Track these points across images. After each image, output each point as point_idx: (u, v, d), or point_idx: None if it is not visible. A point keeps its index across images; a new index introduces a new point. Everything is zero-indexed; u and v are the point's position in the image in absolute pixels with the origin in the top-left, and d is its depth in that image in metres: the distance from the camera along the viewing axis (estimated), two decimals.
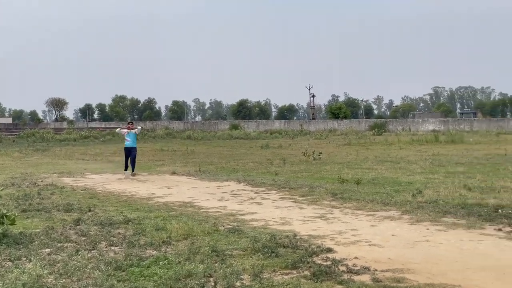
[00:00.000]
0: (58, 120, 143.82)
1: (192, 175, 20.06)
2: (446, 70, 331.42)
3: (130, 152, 20.63)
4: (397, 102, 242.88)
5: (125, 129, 21.51)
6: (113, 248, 8.52)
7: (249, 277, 6.82)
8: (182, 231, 9.37)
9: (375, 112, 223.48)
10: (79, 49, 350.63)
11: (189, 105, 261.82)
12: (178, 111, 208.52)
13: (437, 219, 10.75)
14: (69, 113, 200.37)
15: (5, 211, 9.19)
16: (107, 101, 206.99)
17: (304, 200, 13.73)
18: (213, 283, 6.56)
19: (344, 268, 7.24)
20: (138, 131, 21.54)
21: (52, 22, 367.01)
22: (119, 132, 22.29)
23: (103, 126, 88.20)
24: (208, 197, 14.51)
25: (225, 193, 15.26)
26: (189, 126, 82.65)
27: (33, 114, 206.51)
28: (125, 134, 21.11)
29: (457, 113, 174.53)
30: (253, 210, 12.23)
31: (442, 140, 39.69)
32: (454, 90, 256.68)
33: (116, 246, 8.61)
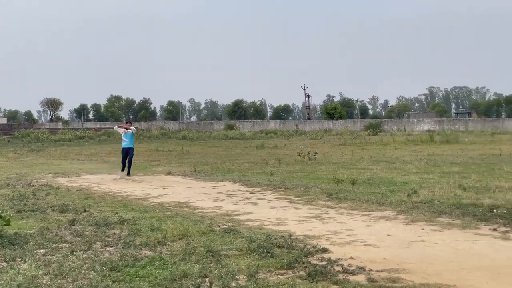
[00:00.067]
0: (53, 121, 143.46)
1: (187, 175, 20.05)
2: (441, 70, 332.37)
3: (127, 153, 20.60)
4: (392, 102, 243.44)
5: (122, 128, 21.48)
6: (108, 248, 8.51)
7: (245, 277, 6.82)
8: (178, 231, 9.37)
9: (370, 112, 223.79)
10: (74, 49, 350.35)
11: (184, 105, 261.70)
12: (173, 111, 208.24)
13: (432, 219, 10.77)
14: (64, 113, 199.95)
15: (0, 211, 9.17)
16: (102, 101, 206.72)
17: (299, 200, 13.74)
18: (208, 284, 6.55)
19: (339, 268, 7.25)
20: (134, 131, 21.47)
21: (45, 23, 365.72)
22: (116, 129, 22.38)
23: (98, 126, 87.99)
24: (203, 197, 14.50)
25: (220, 193, 15.25)
26: (184, 127, 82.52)
27: (28, 115, 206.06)
28: (122, 134, 21.11)
29: (452, 113, 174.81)
30: (248, 210, 12.23)
31: (437, 140, 39.77)
32: (449, 90, 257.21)
33: (111, 247, 8.60)
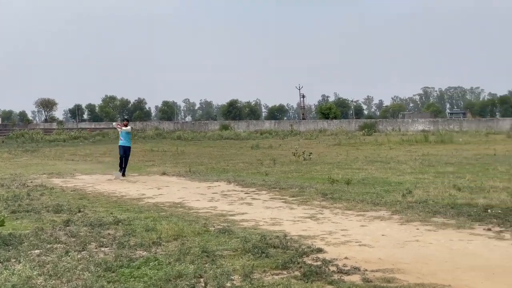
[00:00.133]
0: (48, 121, 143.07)
1: (182, 175, 20.04)
2: (435, 70, 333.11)
3: (124, 151, 20.64)
4: (387, 102, 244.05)
5: (119, 126, 21.59)
6: (103, 249, 8.49)
7: (240, 277, 6.81)
8: (172, 231, 9.36)
9: (365, 112, 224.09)
10: (69, 49, 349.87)
11: (179, 106, 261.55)
12: (168, 111, 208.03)
13: (427, 219, 10.79)
14: (59, 113, 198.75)
15: None
16: (97, 101, 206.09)
17: (294, 200, 13.74)
18: (203, 284, 6.55)
19: (334, 268, 7.25)
20: (128, 130, 21.36)
21: (40, 23, 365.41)
22: (114, 126, 22.75)
23: (92, 126, 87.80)
24: (198, 197, 14.49)
25: (215, 193, 15.25)
26: (179, 127, 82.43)
27: (22, 115, 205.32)
28: (119, 133, 21.27)
29: (447, 113, 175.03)
30: (243, 211, 12.23)
31: (432, 140, 39.84)
32: (443, 90, 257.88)
33: (106, 247, 8.58)
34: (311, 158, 25.50)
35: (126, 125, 21.40)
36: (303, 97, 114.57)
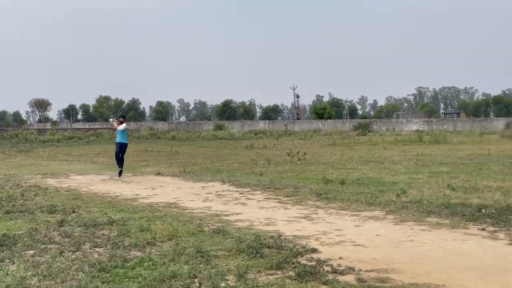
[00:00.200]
0: (42, 121, 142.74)
1: (176, 175, 20.01)
2: (429, 70, 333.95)
3: (120, 147, 20.69)
4: (381, 102, 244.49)
5: (115, 122, 21.60)
6: (97, 249, 8.47)
7: (234, 277, 6.81)
8: (167, 232, 9.35)
9: (359, 112, 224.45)
10: (64, 49, 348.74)
11: (174, 106, 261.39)
12: (163, 111, 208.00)
13: (421, 219, 10.81)
14: (53, 114, 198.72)
15: None
16: (91, 101, 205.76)
17: (288, 200, 13.74)
18: (198, 284, 6.55)
19: (329, 268, 7.26)
20: (122, 128, 21.23)
21: (34, 22, 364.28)
22: (110, 122, 22.78)
23: (87, 127, 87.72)
24: (192, 197, 14.48)
25: (209, 193, 15.23)
26: (173, 127, 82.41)
27: (16, 115, 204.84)
28: (115, 130, 21.34)
29: (441, 113, 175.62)
30: (238, 211, 12.22)
31: (426, 140, 39.93)
32: (437, 90, 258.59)
33: (101, 248, 8.56)
34: (305, 158, 25.51)
35: (122, 122, 21.33)
36: (298, 97, 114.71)
